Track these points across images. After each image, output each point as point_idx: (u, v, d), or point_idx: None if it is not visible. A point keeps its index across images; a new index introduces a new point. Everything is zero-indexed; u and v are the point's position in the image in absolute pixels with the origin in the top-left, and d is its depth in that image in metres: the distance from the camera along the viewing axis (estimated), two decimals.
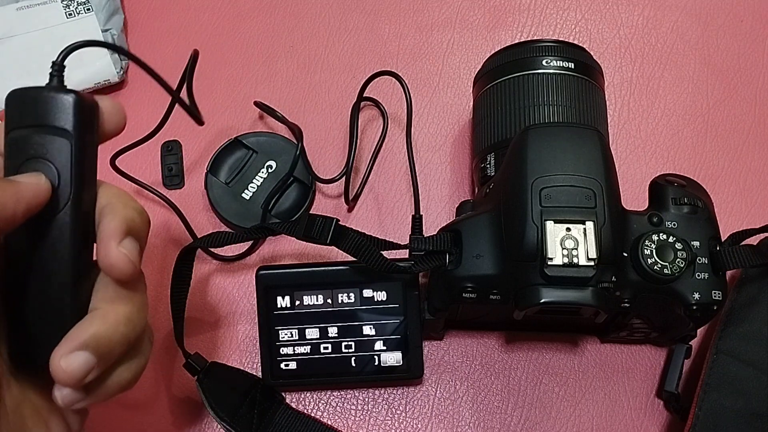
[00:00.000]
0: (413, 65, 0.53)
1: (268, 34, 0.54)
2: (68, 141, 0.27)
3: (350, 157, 0.47)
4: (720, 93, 0.52)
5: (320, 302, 0.42)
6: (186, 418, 0.43)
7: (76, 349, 0.26)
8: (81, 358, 0.26)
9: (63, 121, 0.26)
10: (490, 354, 0.45)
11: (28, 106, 0.27)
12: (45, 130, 0.27)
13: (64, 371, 0.26)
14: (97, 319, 0.27)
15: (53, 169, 0.26)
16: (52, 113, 0.26)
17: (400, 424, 0.43)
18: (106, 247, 0.27)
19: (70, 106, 0.27)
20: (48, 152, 0.27)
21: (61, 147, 0.27)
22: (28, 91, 0.27)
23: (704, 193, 0.39)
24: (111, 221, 0.27)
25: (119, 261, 0.27)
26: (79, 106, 0.27)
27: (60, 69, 0.28)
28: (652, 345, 0.45)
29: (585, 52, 0.43)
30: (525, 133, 0.36)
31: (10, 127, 0.27)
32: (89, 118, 0.28)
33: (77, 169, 0.27)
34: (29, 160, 0.27)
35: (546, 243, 0.33)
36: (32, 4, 0.51)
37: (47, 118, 0.26)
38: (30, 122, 0.27)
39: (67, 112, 0.27)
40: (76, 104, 0.27)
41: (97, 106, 0.28)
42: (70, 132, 0.27)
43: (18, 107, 0.27)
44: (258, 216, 0.47)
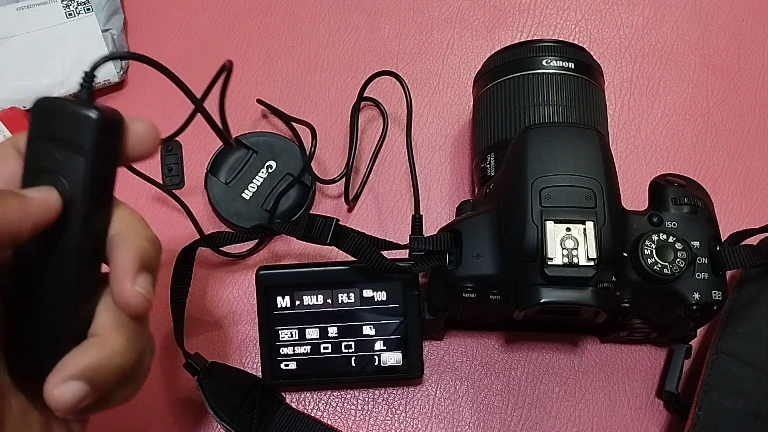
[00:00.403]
0: (413, 65, 0.53)
1: (268, 34, 0.54)
2: (84, 159, 0.25)
3: (350, 157, 0.47)
4: (720, 93, 0.52)
5: (320, 302, 0.42)
6: (186, 418, 0.43)
7: (70, 378, 0.25)
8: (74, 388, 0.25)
9: (81, 138, 0.25)
10: (490, 354, 0.45)
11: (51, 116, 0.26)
12: (63, 144, 0.26)
13: (57, 400, 0.25)
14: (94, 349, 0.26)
15: (65, 185, 0.26)
16: (72, 128, 0.25)
17: (400, 424, 0.43)
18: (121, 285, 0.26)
19: (91, 123, 0.25)
20: (63, 167, 0.26)
21: (77, 164, 0.26)
22: (53, 101, 0.26)
23: (704, 193, 0.39)
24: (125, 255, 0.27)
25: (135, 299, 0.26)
26: (100, 124, 0.25)
27: (90, 80, 0.26)
28: (652, 345, 0.45)
29: (585, 52, 0.43)
30: (525, 133, 0.36)
31: (32, 136, 0.26)
32: (110, 137, 0.26)
33: (90, 189, 0.26)
34: (44, 173, 0.26)
35: (546, 243, 0.33)
36: (32, 4, 0.51)
37: (66, 133, 0.25)
38: (50, 134, 0.26)
39: (86, 129, 0.25)
40: (97, 122, 0.25)
41: (122, 127, 0.27)
42: (87, 150, 0.25)
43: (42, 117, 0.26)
44: (258, 216, 0.47)
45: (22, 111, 0.49)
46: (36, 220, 0.25)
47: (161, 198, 0.49)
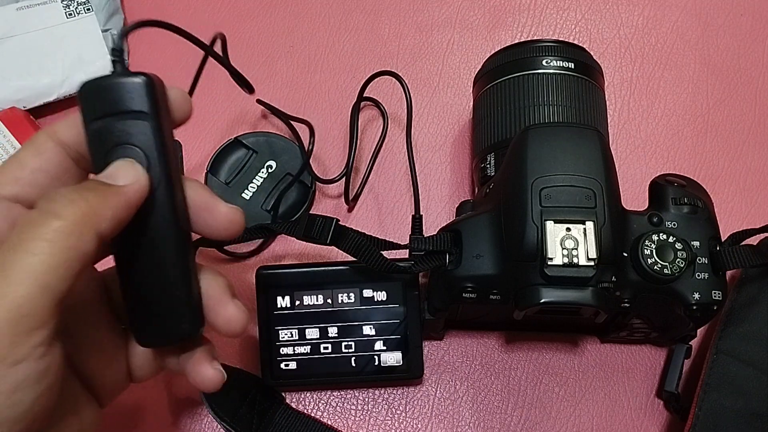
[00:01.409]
0: (413, 65, 0.53)
1: (268, 34, 0.54)
2: (148, 122, 0.27)
3: (350, 157, 0.47)
4: (720, 93, 0.52)
5: (320, 302, 0.42)
6: (186, 418, 0.43)
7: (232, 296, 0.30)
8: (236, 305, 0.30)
9: (140, 104, 0.27)
10: (490, 354, 0.45)
11: (101, 95, 0.27)
12: (124, 115, 0.27)
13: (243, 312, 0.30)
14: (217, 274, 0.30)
15: (140, 152, 0.27)
16: (126, 98, 0.27)
17: (400, 424, 0.43)
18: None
19: (143, 87, 0.27)
20: (132, 136, 0.27)
21: (144, 129, 0.27)
22: (97, 81, 0.27)
23: (704, 193, 0.39)
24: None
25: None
26: (151, 86, 0.27)
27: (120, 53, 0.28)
28: (652, 345, 0.45)
29: (585, 52, 0.43)
30: (525, 133, 0.36)
31: (90, 118, 0.27)
32: (162, 97, 0.28)
33: (162, 147, 0.27)
34: (115, 147, 0.27)
35: (546, 243, 0.33)
36: (32, 4, 0.51)
37: (124, 104, 0.27)
38: (108, 111, 0.27)
39: (140, 94, 0.27)
40: (148, 85, 0.27)
41: (164, 87, 0.28)
42: (148, 113, 0.27)
43: (92, 99, 0.27)
44: (258, 216, 0.47)
45: (23, 111, 0.49)
46: (135, 203, 0.26)
47: None
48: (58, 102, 0.51)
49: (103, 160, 0.27)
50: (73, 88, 0.50)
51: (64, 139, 0.28)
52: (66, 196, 0.25)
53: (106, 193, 0.25)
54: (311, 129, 0.47)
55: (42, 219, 0.24)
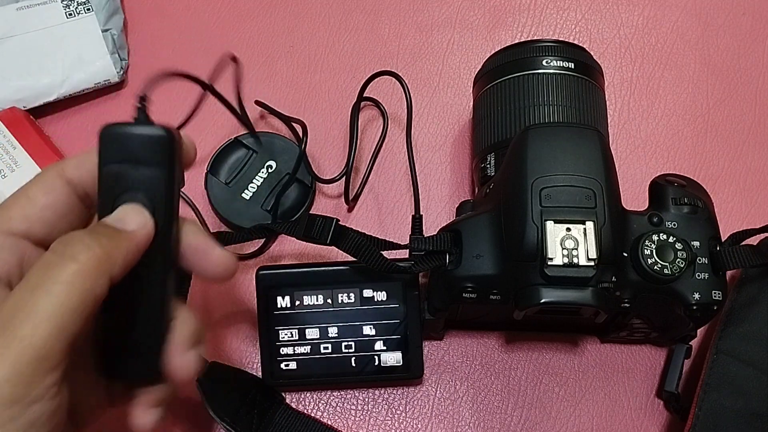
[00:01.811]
0: (413, 65, 0.53)
1: (268, 34, 0.54)
2: (161, 174, 0.28)
3: (350, 157, 0.47)
4: (720, 93, 0.52)
5: (320, 302, 0.42)
6: (186, 418, 0.43)
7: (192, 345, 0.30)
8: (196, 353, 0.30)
9: (156, 155, 0.28)
10: (490, 354, 0.45)
11: (121, 141, 0.28)
12: (139, 164, 0.28)
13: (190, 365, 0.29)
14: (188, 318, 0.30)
15: (148, 201, 0.28)
16: (147, 150, 0.28)
17: (400, 424, 0.43)
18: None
19: (162, 140, 0.28)
20: (143, 185, 0.28)
21: (156, 181, 0.28)
22: (120, 127, 0.28)
23: (704, 193, 0.39)
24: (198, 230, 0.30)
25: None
26: (169, 140, 0.28)
27: (144, 101, 0.29)
28: (652, 345, 0.45)
29: (585, 52, 0.43)
30: (525, 133, 0.36)
31: (105, 161, 0.28)
32: (177, 150, 0.29)
33: (170, 200, 0.28)
34: (124, 192, 0.28)
35: (546, 243, 0.33)
36: (32, 4, 0.51)
37: (142, 155, 0.28)
38: (125, 158, 0.28)
39: (158, 146, 0.28)
40: (167, 139, 0.28)
41: (180, 138, 0.29)
42: (163, 165, 0.28)
43: (112, 143, 0.28)
44: (258, 216, 0.47)
45: (22, 111, 0.49)
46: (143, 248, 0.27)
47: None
48: (58, 102, 0.51)
49: (112, 202, 0.28)
50: (73, 88, 0.50)
51: (72, 178, 0.29)
52: (82, 241, 0.25)
53: (118, 237, 0.26)
54: (304, 128, 0.47)
55: (59, 262, 0.24)
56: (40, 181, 0.29)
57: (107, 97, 0.52)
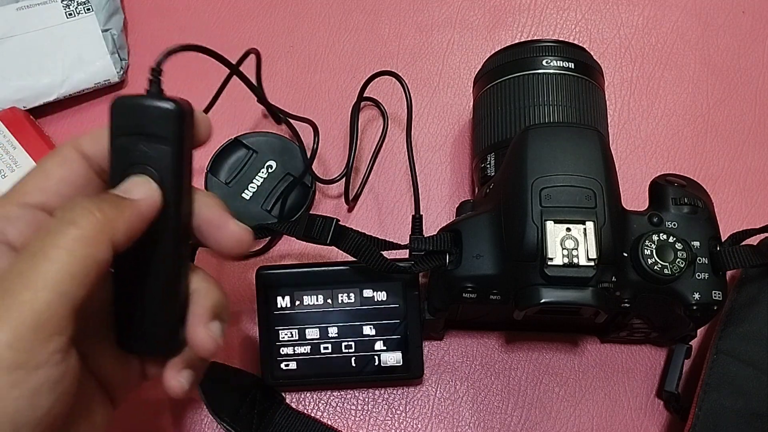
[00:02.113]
0: (413, 65, 0.53)
1: (268, 34, 0.54)
2: (170, 147, 0.28)
3: (350, 157, 0.47)
4: (720, 93, 0.52)
5: (320, 302, 0.42)
6: (186, 418, 0.43)
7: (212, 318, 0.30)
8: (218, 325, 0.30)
9: (165, 129, 0.28)
10: (490, 354, 0.45)
11: (131, 113, 0.28)
12: (148, 137, 0.28)
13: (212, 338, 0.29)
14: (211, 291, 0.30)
15: (156, 174, 0.28)
16: (154, 121, 0.27)
17: (400, 424, 0.43)
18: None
19: (172, 114, 0.28)
20: (151, 158, 0.28)
21: (164, 153, 0.28)
22: (130, 99, 0.28)
23: (704, 193, 0.39)
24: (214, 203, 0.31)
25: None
26: (180, 114, 0.28)
27: (158, 74, 0.28)
28: (652, 345, 0.45)
29: (585, 52, 0.43)
30: (525, 133, 0.36)
31: (117, 133, 0.28)
32: (188, 125, 0.29)
33: (178, 173, 0.28)
34: (133, 165, 0.28)
35: (546, 243, 0.33)
36: (32, 4, 0.51)
37: (150, 126, 0.27)
38: (135, 130, 0.28)
39: (168, 119, 0.28)
40: (177, 112, 0.28)
41: (192, 112, 0.29)
42: (171, 139, 0.28)
43: (122, 115, 0.28)
44: (258, 216, 0.47)
45: (23, 111, 0.49)
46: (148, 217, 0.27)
47: None
48: (58, 102, 0.51)
49: (120, 174, 0.28)
50: (73, 88, 0.50)
51: (88, 152, 0.29)
52: (83, 206, 0.25)
53: (121, 205, 0.26)
54: (315, 128, 0.46)
55: (60, 227, 0.25)
56: (56, 155, 0.29)
57: (107, 97, 0.52)
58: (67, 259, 0.24)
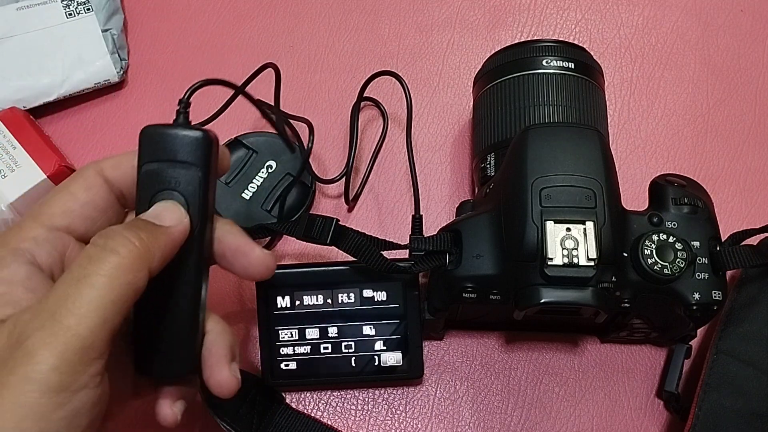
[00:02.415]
0: (413, 65, 0.53)
1: (268, 34, 0.54)
2: (197, 174, 0.29)
3: (350, 157, 0.47)
4: (720, 93, 0.52)
5: (320, 302, 0.42)
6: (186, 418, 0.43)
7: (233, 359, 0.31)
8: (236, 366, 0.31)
9: (193, 156, 0.29)
10: (490, 354, 0.45)
11: (160, 141, 0.29)
12: (177, 164, 0.29)
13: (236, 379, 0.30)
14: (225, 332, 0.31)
15: (183, 199, 0.29)
16: (186, 150, 0.29)
17: (400, 424, 0.43)
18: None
19: (201, 140, 0.29)
20: (180, 184, 0.29)
21: (192, 179, 0.29)
22: (160, 128, 0.29)
23: (704, 193, 0.39)
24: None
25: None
26: (208, 142, 0.29)
27: (186, 106, 0.30)
28: (652, 345, 0.45)
29: (585, 52, 0.43)
30: (525, 133, 0.36)
31: (144, 161, 0.29)
32: (213, 153, 0.30)
33: (204, 200, 0.29)
34: (161, 191, 0.29)
35: (546, 243, 0.33)
36: (32, 4, 0.51)
37: (181, 154, 0.29)
38: (164, 157, 0.29)
39: (196, 147, 0.29)
40: (205, 141, 0.29)
41: (218, 141, 0.30)
42: (199, 165, 0.29)
43: (151, 143, 0.29)
44: (258, 216, 0.47)
45: (23, 111, 0.49)
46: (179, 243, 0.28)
47: None
48: (58, 102, 0.51)
49: (149, 200, 0.29)
50: (73, 88, 0.50)
51: (110, 177, 0.30)
52: (122, 234, 0.26)
53: (156, 233, 0.27)
54: (311, 127, 0.47)
55: (101, 255, 0.25)
56: (81, 178, 0.30)
57: (107, 97, 0.52)
58: (109, 286, 0.25)
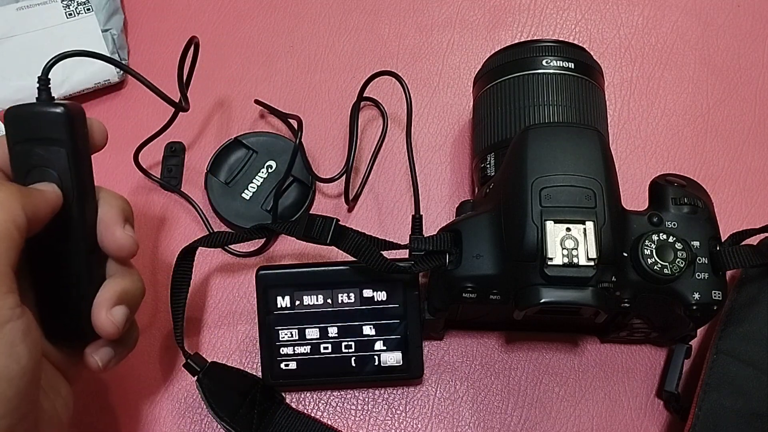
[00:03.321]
0: (413, 65, 0.53)
1: (268, 34, 0.54)
2: (64, 149, 0.30)
3: (350, 157, 0.47)
4: (720, 93, 0.52)
5: (320, 302, 0.42)
6: (186, 418, 0.43)
7: (115, 303, 0.33)
8: (121, 310, 0.33)
9: (56, 132, 0.30)
10: (490, 354, 0.45)
11: (24, 121, 0.30)
12: (42, 141, 0.30)
13: (112, 323, 0.32)
14: (120, 279, 0.33)
15: (55, 175, 0.30)
16: (46, 126, 0.30)
17: (400, 424, 0.43)
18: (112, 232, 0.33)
19: (61, 117, 0.30)
20: (49, 161, 0.30)
21: (60, 155, 0.30)
22: (22, 107, 0.30)
23: (704, 193, 0.39)
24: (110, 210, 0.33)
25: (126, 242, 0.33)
26: (69, 116, 0.30)
27: (46, 83, 0.31)
28: (652, 345, 0.45)
29: (585, 52, 0.43)
30: (525, 133, 0.36)
31: (12, 142, 0.30)
32: (79, 126, 0.31)
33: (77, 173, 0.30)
34: (33, 169, 0.30)
35: (546, 243, 0.33)
36: (32, 4, 0.51)
37: (42, 131, 0.30)
38: (29, 136, 0.30)
39: (58, 123, 0.30)
40: (66, 115, 0.30)
41: (84, 115, 0.31)
42: (64, 141, 0.30)
43: (16, 123, 0.30)
44: (258, 216, 0.47)
45: None
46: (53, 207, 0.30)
47: (163, 198, 0.49)
48: None
49: (23, 178, 0.30)
50: (73, 88, 0.50)
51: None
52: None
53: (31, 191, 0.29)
54: (299, 122, 0.46)
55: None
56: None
57: (107, 97, 0.52)
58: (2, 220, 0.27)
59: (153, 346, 0.45)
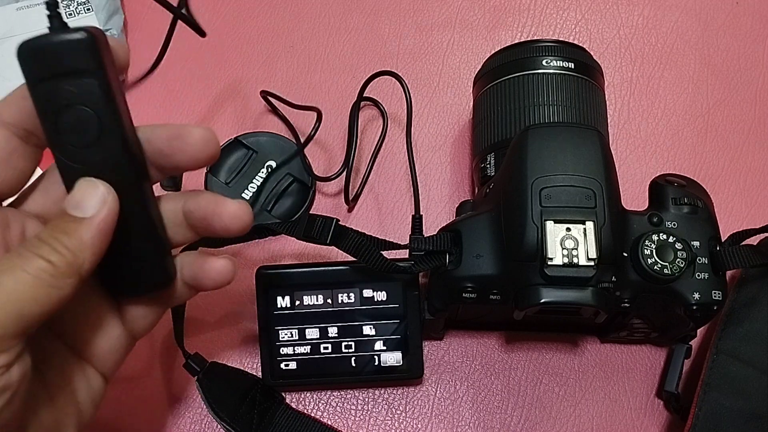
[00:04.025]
0: (413, 65, 0.53)
1: (268, 34, 0.54)
2: (95, 79, 0.26)
3: (350, 156, 0.47)
4: (720, 93, 0.52)
5: (320, 302, 0.42)
6: (186, 418, 0.43)
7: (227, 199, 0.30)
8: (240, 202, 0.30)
9: (84, 61, 0.25)
10: (490, 354, 0.45)
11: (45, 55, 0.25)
12: (70, 75, 0.25)
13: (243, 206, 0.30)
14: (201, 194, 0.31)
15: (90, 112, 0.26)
16: (72, 56, 0.25)
17: (400, 424, 0.43)
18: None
19: (85, 42, 0.25)
20: (79, 96, 0.26)
21: (91, 86, 0.26)
22: (39, 40, 0.25)
23: (704, 193, 0.39)
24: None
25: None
26: (92, 40, 0.25)
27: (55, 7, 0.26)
28: (652, 345, 0.45)
29: (585, 52, 0.43)
30: (525, 133, 0.36)
31: (34, 81, 0.26)
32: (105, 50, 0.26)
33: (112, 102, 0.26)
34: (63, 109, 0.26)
35: (546, 243, 0.33)
36: (32, 4, 0.51)
37: (69, 63, 0.25)
38: (52, 71, 0.25)
39: (86, 50, 0.25)
40: (89, 40, 0.25)
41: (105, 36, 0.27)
42: (93, 69, 0.25)
43: (35, 58, 0.25)
44: (258, 216, 0.47)
45: None
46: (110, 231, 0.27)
47: None
48: None
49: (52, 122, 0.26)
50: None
51: (7, 119, 0.28)
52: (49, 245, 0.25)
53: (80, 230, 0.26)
54: (319, 114, 0.45)
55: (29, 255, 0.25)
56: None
57: None
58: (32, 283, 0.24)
59: (153, 346, 0.45)
